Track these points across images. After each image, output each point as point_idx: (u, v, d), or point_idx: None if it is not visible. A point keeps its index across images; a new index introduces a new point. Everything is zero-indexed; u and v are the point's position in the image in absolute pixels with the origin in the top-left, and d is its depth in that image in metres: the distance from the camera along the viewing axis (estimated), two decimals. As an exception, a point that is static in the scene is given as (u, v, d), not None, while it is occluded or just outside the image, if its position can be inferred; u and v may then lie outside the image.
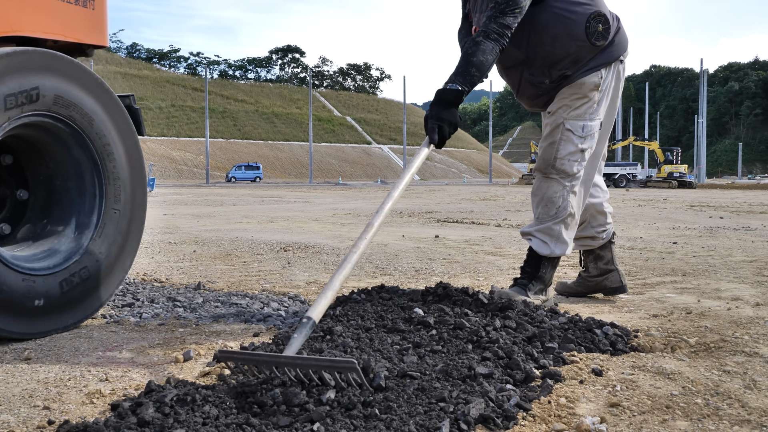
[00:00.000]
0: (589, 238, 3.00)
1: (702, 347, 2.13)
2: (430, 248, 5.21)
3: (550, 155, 2.75)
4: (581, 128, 2.72)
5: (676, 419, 1.50)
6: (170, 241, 5.71)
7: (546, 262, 2.78)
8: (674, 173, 36.59)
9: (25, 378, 1.83)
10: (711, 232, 6.86)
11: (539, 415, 1.52)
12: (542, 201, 2.79)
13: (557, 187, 2.75)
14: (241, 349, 2.01)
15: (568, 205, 2.75)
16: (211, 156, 53.76)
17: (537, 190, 2.83)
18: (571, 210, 2.76)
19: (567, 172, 2.73)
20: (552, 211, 2.75)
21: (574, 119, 2.72)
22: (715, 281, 3.52)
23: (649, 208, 11.99)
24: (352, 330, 2.05)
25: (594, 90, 2.71)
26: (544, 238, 2.77)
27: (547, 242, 2.76)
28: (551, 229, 2.76)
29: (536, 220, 2.83)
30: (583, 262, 3.10)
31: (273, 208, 11.69)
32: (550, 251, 2.76)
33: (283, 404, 1.47)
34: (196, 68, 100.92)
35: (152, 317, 2.63)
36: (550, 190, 2.76)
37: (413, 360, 1.77)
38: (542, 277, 2.78)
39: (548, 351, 1.97)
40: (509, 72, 2.85)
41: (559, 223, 2.75)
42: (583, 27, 2.62)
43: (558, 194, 2.74)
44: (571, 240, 2.81)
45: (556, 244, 2.76)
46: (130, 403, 1.48)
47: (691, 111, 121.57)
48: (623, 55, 2.78)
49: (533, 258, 2.81)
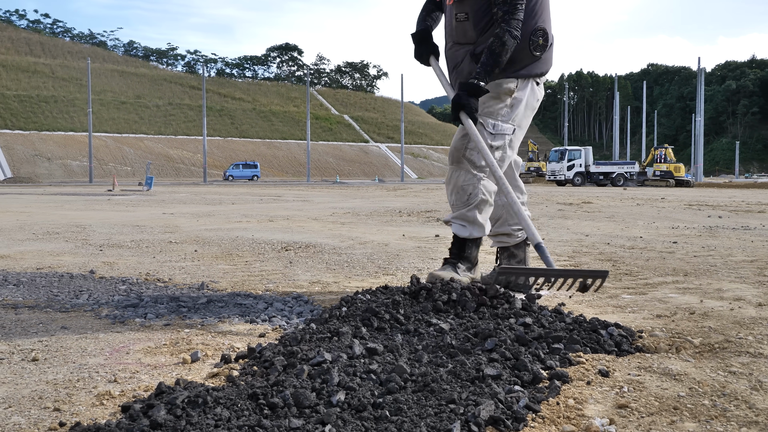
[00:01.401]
0: (505, 234, 3.26)
1: (707, 348, 2.14)
2: (431, 248, 5.21)
3: (462, 146, 2.99)
4: (492, 126, 2.99)
5: (684, 420, 1.51)
6: (171, 240, 5.71)
7: (469, 243, 3.05)
8: (657, 172, 37.60)
9: (33, 379, 1.83)
10: (710, 231, 6.88)
11: (548, 416, 1.53)
12: (455, 189, 3.03)
13: (467, 176, 2.99)
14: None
15: (479, 192, 2.99)
16: (209, 154, 53.70)
17: (450, 179, 3.07)
18: (482, 196, 2.99)
19: (475, 163, 2.98)
20: (464, 198, 3.00)
21: (486, 116, 2.99)
22: (716, 281, 3.53)
23: (647, 207, 12.01)
24: (359, 330, 2.06)
25: (507, 94, 3.00)
26: (462, 222, 3.03)
27: (465, 226, 3.02)
28: (466, 215, 3.01)
29: (452, 207, 3.08)
30: (498, 258, 3.35)
31: (272, 207, 11.69)
32: (468, 233, 3.02)
33: (293, 406, 1.47)
34: (194, 66, 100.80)
35: (157, 318, 2.63)
36: (461, 179, 3.01)
37: (424, 360, 1.77)
38: (468, 256, 3.04)
39: (554, 352, 1.98)
40: (459, 48, 3.06)
41: (473, 209, 2.99)
42: (528, 34, 2.92)
43: (468, 183, 2.99)
44: (486, 222, 3.06)
45: (473, 227, 3.02)
46: (141, 404, 1.49)
47: (688, 109, 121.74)
48: (544, 73, 3.06)
49: (457, 240, 3.06)
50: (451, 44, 3.13)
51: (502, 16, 2.85)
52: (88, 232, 6.53)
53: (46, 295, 3.08)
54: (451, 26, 3.06)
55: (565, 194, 20.19)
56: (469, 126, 2.85)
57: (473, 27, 2.96)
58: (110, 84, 68.87)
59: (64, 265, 4.11)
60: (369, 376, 1.66)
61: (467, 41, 3.02)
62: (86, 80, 44.51)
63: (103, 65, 74.32)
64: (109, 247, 5.13)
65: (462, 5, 2.96)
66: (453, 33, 3.06)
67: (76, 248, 5.07)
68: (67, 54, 79.28)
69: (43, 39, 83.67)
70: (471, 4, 2.94)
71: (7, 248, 5.04)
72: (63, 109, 60.64)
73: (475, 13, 2.93)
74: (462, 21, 2.98)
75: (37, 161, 51.26)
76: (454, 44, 3.10)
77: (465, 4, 2.95)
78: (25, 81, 64.19)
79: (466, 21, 2.97)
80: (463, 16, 2.96)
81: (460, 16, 2.97)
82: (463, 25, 2.97)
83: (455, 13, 2.99)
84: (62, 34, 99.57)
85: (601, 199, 15.77)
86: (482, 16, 2.92)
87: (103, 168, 52.07)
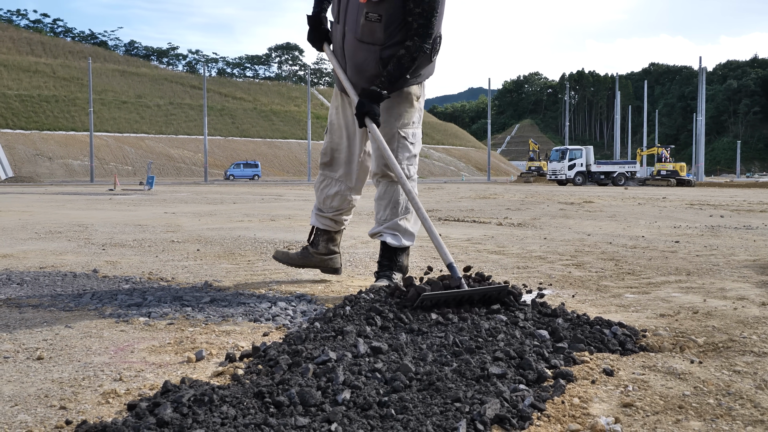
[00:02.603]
0: (336, 222, 3.38)
1: (711, 347, 2.14)
2: (432, 247, 5.21)
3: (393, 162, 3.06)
4: (412, 135, 3.13)
5: (690, 419, 1.51)
6: (173, 239, 5.71)
7: (400, 252, 3.16)
8: (662, 171, 37.66)
9: (39, 378, 1.84)
10: (712, 230, 6.88)
11: (553, 415, 1.53)
12: (389, 204, 3.13)
13: (401, 190, 3.08)
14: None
15: (407, 202, 3.11)
16: (210, 154, 53.73)
17: (383, 194, 3.15)
18: (408, 206, 3.12)
19: (409, 175, 3.08)
20: (398, 210, 3.13)
21: (405, 128, 3.11)
22: (719, 281, 3.53)
23: (649, 207, 12.01)
24: (363, 329, 2.06)
25: (416, 99, 3.12)
26: (394, 233, 3.13)
27: (397, 235, 3.13)
28: (398, 225, 3.13)
29: (382, 221, 3.16)
30: (316, 238, 3.41)
31: (273, 207, 11.69)
32: (400, 243, 3.13)
33: (299, 404, 1.48)
34: (195, 66, 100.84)
35: (161, 317, 2.63)
36: (396, 193, 3.12)
37: (429, 359, 1.78)
38: (401, 265, 3.16)
39: (559, 351, 1.99)
40: (360, 45, 3.02)
41: (402, 219, 3.13)
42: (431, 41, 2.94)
43: (402, 195, 3.11)
44: (415, 230, 3.18)
45: (405, 236, 3.14)
46: (147, 403, 1.49)
47: (689, 109, 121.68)
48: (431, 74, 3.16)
49: (387, 251, 3.17)
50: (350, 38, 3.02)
51: (417, 29, 2.86)
52: (91, 231, 6.53)
53: (50, 294, 3.09)
54: (356, 22, 2.96)
55: (567, 194, 20.19)
56: (375, 131, 2.90)
57: (384, 30, 2.91)
58: (111, 83, 68.94)
59: (67, 264, 4.11)
60: (374, 375, 1.66)
61: (372, 41, 2.96)
62: (87, 80, 44.55)
63: (105, 65, 74.37)
64: (111, 247, 5.14)
65: (377, 6, 2.89)
66: (357, 30, 2.97)
67: (79, 247, 5.08)
68: (69, 54, 79.31)
69: (44, 39, 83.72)
70: (387, 8, 2.88)
71: (10, 247, 5.04)
72: (64, 109, 60.68)
73: (389, 17, 2.88)
74: (373, 21, 2.91)
75: (39, 161, 51.30)
76: (356, 40, 3.01)
77: (381, 7, 2.88)
78: (27, 81, 64.22)
79: (377, 22, 2.90)
80: (375, 17, 2.90)
81: (372, 16, 2.90)
82: (373, 25, 2.91)
83: (366, 12, 2.91)
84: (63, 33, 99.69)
85: (602, 199, 15.77)
86: (394, 20, 2.90)
87: (104, 167, 52.11)
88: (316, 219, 3.40)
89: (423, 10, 2.84)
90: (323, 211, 3.37)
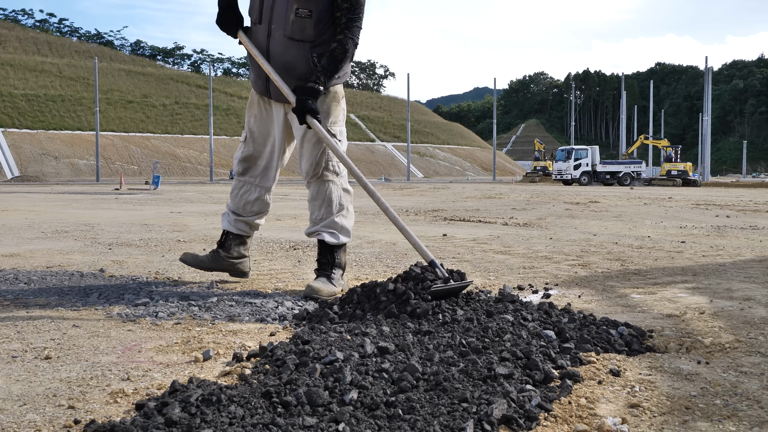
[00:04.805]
0: (251, 226, 3.39)
1: (717, 348, 2.14)
2: (438, 247, 5.21)
3: (323, 160, 3.14)
4: (339, 133, 3.17)
5: (697, 420, 1.51)
6: (179, 239, 5.73)
7: (337, 249, 3.21)
8: (672, 171, 37.26)
9: (47, 377, 1.85)
10: (718, 231, 6.86)
11: (560, 415, 1.53)
12: (324, 203, 3.18)
13: (333, 188, 3.17)
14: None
15: (341, 199, 3.19)
16: (215, 153, 53.79)
17: (317, 194, 3.19)
18: (342, 202, 3.20)
19: (338, 172, 3.17)
20: (333, 208, 3.17)
21: (334, 125, 3.15)
22: (726, 281, 3.52)
23: (654, 207, 11.98)
24: (366, 327, 2.06)
25: (341, 98, 3.20)
26: (331, 231, 3.18)
27: (335, 233, 3.18)
28: (335, 223, 3.18)
29: (317, 220, 3.20)
30: (228, 242, 3.39)
31: (279, 206, 11.71)
32: (338, 240, 3.18)
33: (307, 404, 1.48)
34: (200, 65, 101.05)
35: (168, 316, 2.64)
36: (329, 192, 3.17)
37: (436, 359, 1.78)
38: (340, 263, 3.22)
39: (565, 351, 1.99)
40: (293, 44, 3.01)
41: (339, 216, 3.19)
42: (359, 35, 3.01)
43: (335, 193, 3.18)
44: (351, 227, 3.25)
45: (342, 233, 3.20)
46: (156, 402, 1.50)
47: (695, 109, 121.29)
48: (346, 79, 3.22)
49: (326, 250, 3.20)
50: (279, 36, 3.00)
51: (346, 23, 2.94)
52: (97, 230, 6.55)
53: (57, 294, 3.10)
54: (285, 19, 2.95)
55: (572, 193, 20.15)
56: (318, 127, 2.91)
57: (314, 26, 2.95)
58: (117, 83, 69.10)
59: (73, 264, 4.13)
60: (381, 375, 1.66)
61: (303, 38, 2.97)
62: (93, 79, 44.64)
63: (111, 64, 74.53)
64: (118, 246, 5.16)
65: (307, 2, 2.91)
66: (287, 27, 2.96)
67: (85, 247, 5.10)
68: (75, 53, 79.53)
69: (50, 38, 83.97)
70: (316, 3, 2.92)
71: (16, 247, 5.06)
72: (70, 108, 60.86)
73: (319, 12, 2.93)
74: (303, 17, 2.93)
75: (45, 160, 51.46)
76: (286, 38, 2.99)
77: (310, 2, 2.91)
78: (33, 80, 64.42)
79: (308, 18, 2.93)
80: (305, 13, 2.92)
81: (302, 12, 2.92)
82: (304, 21, 2.93)
83: (296, 8, 2.91)
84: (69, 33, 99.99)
85: (608, 199, 15.74)
86: (323, 15, 2.95)
87: (110, 167, 52.23)
88: (230, 224, 3.36)
89: (350, 5, 2.94)
90: (242, 216, 3.34)
